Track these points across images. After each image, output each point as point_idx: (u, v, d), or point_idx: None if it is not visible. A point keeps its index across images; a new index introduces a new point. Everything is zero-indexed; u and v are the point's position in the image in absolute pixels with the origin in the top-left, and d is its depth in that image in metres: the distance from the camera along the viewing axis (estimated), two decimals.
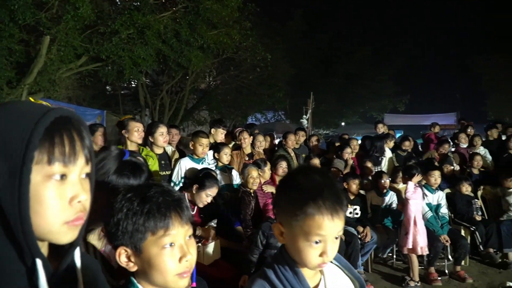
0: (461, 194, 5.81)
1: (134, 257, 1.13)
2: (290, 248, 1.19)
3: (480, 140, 7.52)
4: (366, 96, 22.12)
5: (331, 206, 1.12)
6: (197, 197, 3.69)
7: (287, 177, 1.27)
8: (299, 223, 1.13)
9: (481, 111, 23.86)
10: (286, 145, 6.30)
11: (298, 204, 1.13)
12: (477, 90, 23.72)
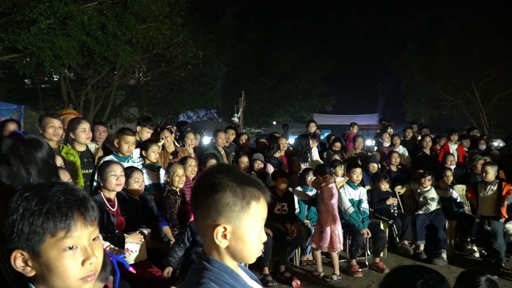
0: (380, 191, 6.19)
1: (31, 261, 1.05)
2: (236, 246, 1.16)
3: (399, 140, 8.07)
4: (297, 96, 22.73)
5: (263, 187, 1.20)
6: (108, 186, 3.55)
7: (216, 179, 1.17)
8: (249, 212, 1.15)
9: (401, 112, 25.64)
10: (216, 143, 6.28)
11: (241, 195, 1.14)
12: (398, 92, 25.44)
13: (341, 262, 5.59)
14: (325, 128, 25.73)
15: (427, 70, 21.99)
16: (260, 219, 1.18)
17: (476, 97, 21.66)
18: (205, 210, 1.16)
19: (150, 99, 16.10)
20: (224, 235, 1.15)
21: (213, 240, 1.15)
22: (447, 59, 20.79)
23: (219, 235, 1.14)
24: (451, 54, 20.63)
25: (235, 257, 1.18)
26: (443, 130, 10.08)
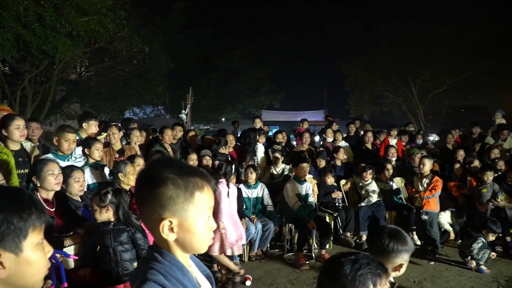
0: (326, 185, 6.39)
1: None
2: (184, 238, 1.15)
3: (341, 135, 8.36)
4: (245, 92, 22.82)
5: (206, 176, 1.20)
6: (46, 186, 3.39)
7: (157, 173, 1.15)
8: (194, 203, 1.14)
9: (345, 108, 26.52)
10: (162, 140, 6.16)
11: (184, 186, 1.13)
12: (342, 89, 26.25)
13: (288, 255, 5.75)
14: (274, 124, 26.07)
15: (369, 68, 22.96)
16: (207, 208, 1.19)
17: (414, 94, 22.95)
18: (149, 205, 1.14)
19: (93, 95, 15.46)
20: (171, 228, 1.14)
21: (161, 235, 1.14)
22: (387, 58, 21.80)
23: (165, 229, 1.13)
24: (391, 53, 21.66)
25: (185, 249, 1.18)
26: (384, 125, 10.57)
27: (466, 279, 4.91)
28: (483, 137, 8.78)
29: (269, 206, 5.79)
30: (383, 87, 23.88)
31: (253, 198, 5.78)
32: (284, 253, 5.84)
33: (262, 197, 5.80)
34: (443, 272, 5.15)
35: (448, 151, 7.98)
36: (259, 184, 5.86)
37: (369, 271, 1.31)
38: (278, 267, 5.37)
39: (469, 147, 8.11)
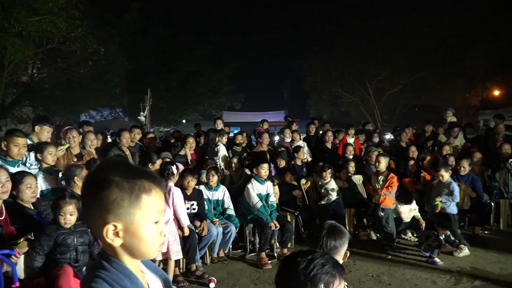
0: (286, 184, 6.46)
1: None
2: (131, 243, 1.11)
3: (298, 135, 8.49)
4: (205, 94, 22.71)
5: (155, 178, 1.16)
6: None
7: (102, 175, 1.12)
8: (141, 206, 1.10)
9: (305, 109, 26.97)
10: (120, 143, 6.01)
11: (129, 189, 1.09)
12: (302, 90, 26.67)
13: (250, 256, 5.77)
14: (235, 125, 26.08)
15: (327, 69, 23.47)
16: (155, 211, 1.14)
17: (370, 94, 23.71)
18: (93, 209, 1.10)
19: (46, 98, 14.82)
20: (116, 233, 1.10)
21: (106, 240, 1.10)
22: (344, 59, 22.38)
23: (109, 233, 1.09)
24: (347, 54, 22.25)
25: (133, 254, 1.13)
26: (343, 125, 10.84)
27: (421, 271, 5.11)
28: (436, 134, 9.20)
29: (230, 209, 5.77)
30: (341, 88, 24.49)
31: (214, 200, 5.74)
32: (247, 254, 5.85)
33: (223, 200, 5.78)
34: (400, 265, 5.33)
35: (403, 148, 8.29)
36: (220, 186, 5.84)
37: (322, 271, 1.31)
38: (240, 268, 5.38)
39: (422, 144, 8.45)
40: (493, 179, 7.09)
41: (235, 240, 6.37)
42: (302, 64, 24.61)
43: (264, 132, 7.94)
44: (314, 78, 24.59)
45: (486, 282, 4.75)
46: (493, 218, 6.99)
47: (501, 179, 6.81)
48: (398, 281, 4.81)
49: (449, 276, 4.95)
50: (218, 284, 4.84)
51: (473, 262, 5.41)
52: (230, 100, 24.40)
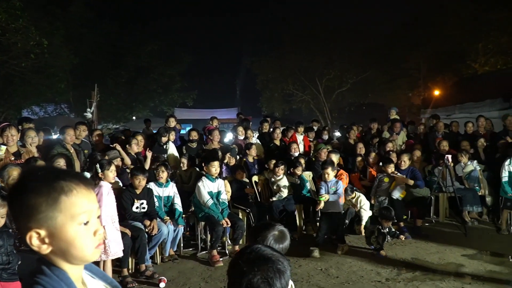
0: (238, 181, 6.48)
1: None
2: (61, 248, 1.06)
3: (252, 132, 8.54)
4: (156, 90, 22.22)
5: (79, 176, 1.12)
6: None
7: (20, 182, 1.09)
8: (61, 209, 1.05)
9: (257, 106, 27.15)
10: (64, 140, 5.75)
11: (46, 192, 1.04)
12: (254, 88, 26.84)
13: (202, 254, 5.75)
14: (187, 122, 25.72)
15: (278, 67, 23.77)
16: (81, 212, 1.08)
17: (320, 92, 24.30)
18: (17, 217, 1.06)
19: None
20: (42, 239, 1.05)
21: (32, 248, 1.05)
22: (294, 57, 22.76)
23: (33, 241, 1.04)
24: (297, 53, 22.63)
25: (68, 259, 1.08)
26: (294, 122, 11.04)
27: (366, 263, 5.33)
28: (381, 132, 9.59)
29: (178, 206, 5.71)
30: (292, 86, 24.91)
31: (164, 197, 5.66)
32: (198, 252, 5.82)
33: (173, 196, 5.71)
34: (347, 259, 5.53)
35: (350, 145, 8.57)
36: (170, 183, 5.76)
37: (262, 277, 1.28)
38: (191, 267, 5.34)
39: (368, 141, 8.78)
40: (432, 174, 7.52)
41: (187, 238, 6.34)
42: (254, 62, 24.76)
43: (215, 129, 7.90)
44: (266, 76, 24.83)
45: (426, 271, 5.03)
46: (433, 211, 7.43)
47: (439, 174, 7.23)
48: (345, 273, 4.99)
49: (393, 267, 5.19)
50: (168, 283, 4.78)
51: (414, 253, 5.71)
52: (182, 97, 24.05)
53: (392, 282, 4.69)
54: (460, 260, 5.39)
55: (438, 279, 4.73)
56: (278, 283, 1.26)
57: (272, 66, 24.02)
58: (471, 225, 7.03)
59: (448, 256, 5.54)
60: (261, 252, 1.34)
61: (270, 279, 1.26)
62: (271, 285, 1.26)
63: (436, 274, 4.94)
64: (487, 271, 4.96)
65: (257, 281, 1.25)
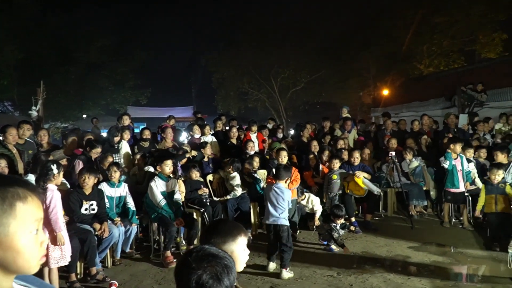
0: (192, 180, 6.42)
1: None
2: (6, 257, 1.01)
3: (208, 131, 8.50)
4: (108, 87, 21.49)
5: (29, 185, 1.08)
6: None
7: None
8: (16, 215, 1.01)
9: (213, 105, 26.96)
10: (5, 140, 5.44)
11: (1, 198, 1.00)
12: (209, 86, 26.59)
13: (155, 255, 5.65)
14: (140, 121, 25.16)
15: (233, 65, 23.73)
16: (33, 220, 1.06)
17: (275, 91, 24.54)
18: None
19: None
20: None
21: None
22: (249, 56, 22.81)
23: None
24: (252, 51, 22.70)
25: (8, 269, 1.03)
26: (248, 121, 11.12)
27: (319, 258, 5.46)
28: (333, 130, 9.85)
29: (131, 205, 5.58)
30: (247, 84, 24.98)
31: (116, 197, 5.51)
32: (151, 254, 5.71)
33: (125, 196, 5.57)
34: (300, 255, 5.62)
35: (304, 143, 8.73)
36: (122, 183, 5.61)
37: (211, 273, 1.31)
38: (144, 269, 5.23)
39: (321, 139, 8.99)
40: (381, 171, 7.83)
41: (140, 240, 6.21)
42: (210, 60, 24.58)
43: (168, 127, 7.78)
44: (221, 74, 24.72)
45: (375, 264, 5.24)
46: (382, 205, 7.74)
47: (387, 170, 7.54)
48: (299, 269, 5.07)
49: (345, 260, 5.36)
50: (120, 287, 4.66)
51: (364, 247, 5.92)
52: (136, 95, 23.43)
53: (343, 276, 4.83)
54: (406, 252, 5.65)
55: (386, 271, 4.93)
56: (226, 278, 1.30)
57: (228, 64, 23.94)
58: (417, 218, 7.40)
59: (396, 249, 5.79)
60: (209, 250, 1.38)
61: (219, 274, 1.30)
62: (220, 280, 1.30)
63: (385, 266, 5.15)
64: (431, 262, 5.23)
65: (206, 277, 1.28)
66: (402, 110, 16.72)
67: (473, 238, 6.21)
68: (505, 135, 8.84)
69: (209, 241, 1.88)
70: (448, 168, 6.78)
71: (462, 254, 5.54)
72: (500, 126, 9.33)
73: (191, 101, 34.02)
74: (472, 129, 9.36)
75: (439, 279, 4.67)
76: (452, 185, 6.79)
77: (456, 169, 6.77)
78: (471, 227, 6.71)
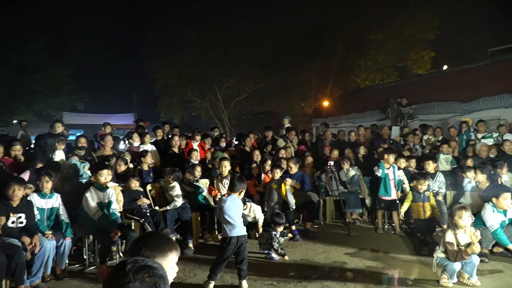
0: (131, 190, 6.23)
1: None
2: None
3: (148, 139, 8.31)
4: (42, 92, 20.34)
5: None
6: None
7: None
8: None
9: (155, 112, 26.42)
10: None
11: None
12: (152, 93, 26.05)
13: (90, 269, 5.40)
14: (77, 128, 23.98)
15: (177, 73, 23.47)
16: None
17: (219, 100, 24.58)
18: None
19: None
20: None
21: None
22: (194, 64, 22.71)
23: None
24: (197, 60, 22.62)
25: None
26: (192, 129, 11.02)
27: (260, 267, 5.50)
28: (275, 139, 10.04)
29: (64, 217, 5.29)
30: (191, 92, 24.80)
31: (48, 209, 5.18)
32: (86, 268, 5.45)
33: (57, 208, 5.26)
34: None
35: (246, 153, 8.81)
36: (54, 193, 5.30)
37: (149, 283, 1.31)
38: (78, 284, 4.97)
39: (263, 148, 9.13)
40: (320, 180, 8.08)
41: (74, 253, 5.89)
42: (153, 67, 24.12)
43: (107, 135, 7.51)
44: (165, 81, 24.34)
45: (314, 271, 5.38)
46: (321, 213, 7.98)
47: (326, 179, 7.81)
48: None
49: (285, 268, 5.45)
50: None
51: (303, 254, 6.06)
52: (72, 100, 22.39)
53: (283, 283, 4.91)
54: (343, 258, 5.86)
55: (324, 278, 5.07)
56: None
57: (171, 72, 23.63)
58: (353, 225, 7.71)
59: (333, 255, 5.98)
60: (145, 262, 1.37)
61: (157, 285, 1.31)
62: None
63: (323, 273, 5.30)
64: (365, 267, 5.47)
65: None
66: (341, 121, 17.40)
67: (404, 244, 6.58)
68: (432, 146, 9.50)
69: (138, 254, 1.82)
70: (381, 177, 7.16)
71: (394, 259, 5.85)
72: (428, 137, 10.03)
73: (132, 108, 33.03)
74: (403, 140, 9.96)
75: (373, 283, 4.88)
76: (385, 193, 7.18)
77: (389, 178, 7.17)
78: (402, 233, 7.11)
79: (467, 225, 4.56)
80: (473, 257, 4.54)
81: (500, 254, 5.75)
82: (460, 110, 12.25)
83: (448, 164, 8.37)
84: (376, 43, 21.20)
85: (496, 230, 5.43)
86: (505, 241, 5.39)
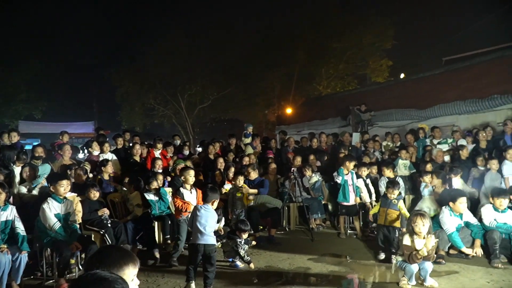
0: (91, 201, 6.06)
1: None
2: None
3: (107, 147, 8.12)
4: None
5: None
6: None
7: None
8: None
9: (117, 120, 25.78)
10: None
11: None
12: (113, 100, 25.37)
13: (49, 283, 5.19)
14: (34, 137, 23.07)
15: (138, 80, 23.05)
16: None
17: (182, 108, 24.33)
18: None
19: None
20: None
21: None
22: (155, 71, 22.38)
23: None
24: (159, 66, 22.30)
25: None
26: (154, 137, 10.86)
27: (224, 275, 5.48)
28: (239, 147, 10.07)
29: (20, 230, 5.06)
30: (153, 100, 24.41)
31: (2, 221, 4.95)
32: (44, 282, 5.23)
33: (12, 220, 5.03)
34: None
35: (210, 160, 8.78)
36: (8, 205, 5.07)
37: None
38: None
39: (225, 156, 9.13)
40: (283, 186, 8.17)
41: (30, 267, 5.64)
42: (113, 74, 23.56)
43: (66, 144, 7.28)
44: (126, 88, 23.83)
45: (279, 277, 5.41)
46: (286, 220, 8.05)
47: (289, 185, 7.90)
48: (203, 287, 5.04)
49: (249, 276, 5.45)
50: None
51: (268, 261, 6.09)
52: (28, 109, 21.52)
53: None
54: (307, 264, 5.93)
55: (288, 284, 5.12)
56: None
57: (133, 79, 23.17)
58: (317, 231, 7.83)
59: (297, 261, 6.04)
60: (99, 274, 1.38)
61: None
62: None
63: (288, 279, 5.34)
64: (329, 272, 5.55)
65: None
66: (304, 128, 17.66)
67: (365, 248, 6.74)
68: (391, 152, 9.82)
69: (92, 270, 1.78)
70: (340, 183, 7.32)
71: (356, 263, 5.98)
72: (387, 143, 10.37)
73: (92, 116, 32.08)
74: (364, 146, 10.25)
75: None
76: (343, 199, 7.34)
77: (348, 184, 7.33)
78: (364, 237, 7.28)
79: (422, 232, 4.69)
80: (426, 263, 4.71)
81: (456, 255, 5.99)
82: (417, 117, 12.72)
83: (407, 169, 8.66)
84: (336, 51, 21.76)
85: (452, 234, 5.68)
86: (459, 244, 5.64)
